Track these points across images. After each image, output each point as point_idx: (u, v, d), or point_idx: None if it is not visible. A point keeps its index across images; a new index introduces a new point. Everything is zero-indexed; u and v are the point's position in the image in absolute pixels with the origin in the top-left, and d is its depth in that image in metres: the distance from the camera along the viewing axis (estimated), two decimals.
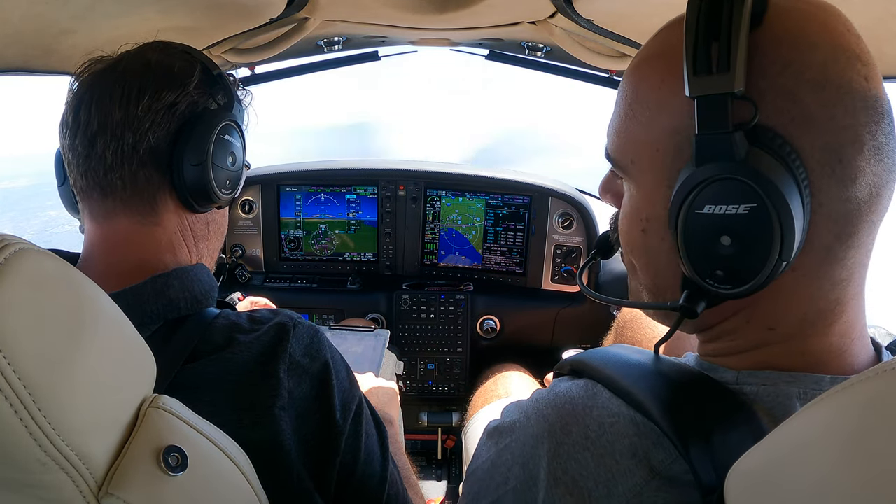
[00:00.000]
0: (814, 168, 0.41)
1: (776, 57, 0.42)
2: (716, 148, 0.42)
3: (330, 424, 0.67)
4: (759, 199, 0.40)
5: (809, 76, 0.41)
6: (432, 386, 1.81)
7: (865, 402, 0.31)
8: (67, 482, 0.40)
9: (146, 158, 0.67)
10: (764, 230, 0.41)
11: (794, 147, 0.41)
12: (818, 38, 0.42)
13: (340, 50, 1.66)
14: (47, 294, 0.39)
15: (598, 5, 1.05)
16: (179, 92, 0.68)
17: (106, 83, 0.67)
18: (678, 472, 0.43)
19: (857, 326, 0.48)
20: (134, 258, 0.67)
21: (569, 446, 0.48)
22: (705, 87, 0.41)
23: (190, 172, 0.68)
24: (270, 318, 0.67)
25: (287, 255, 1.83)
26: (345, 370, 0.73)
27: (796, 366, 0.47)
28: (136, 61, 0.69)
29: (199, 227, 0.75)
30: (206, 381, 0.61)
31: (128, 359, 0.46)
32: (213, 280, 0.72)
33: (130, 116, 0.66)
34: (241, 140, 0.77)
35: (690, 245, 0.45)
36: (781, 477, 0.34)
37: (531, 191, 1.72)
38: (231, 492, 0.51)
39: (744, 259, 0.43)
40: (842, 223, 0.43)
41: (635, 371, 0.50)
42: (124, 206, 0.68)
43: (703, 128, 0.42)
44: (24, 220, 5.76)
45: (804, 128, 0.41)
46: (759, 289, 0.43)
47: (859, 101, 0.41)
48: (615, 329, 1.33)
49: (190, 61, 0.72)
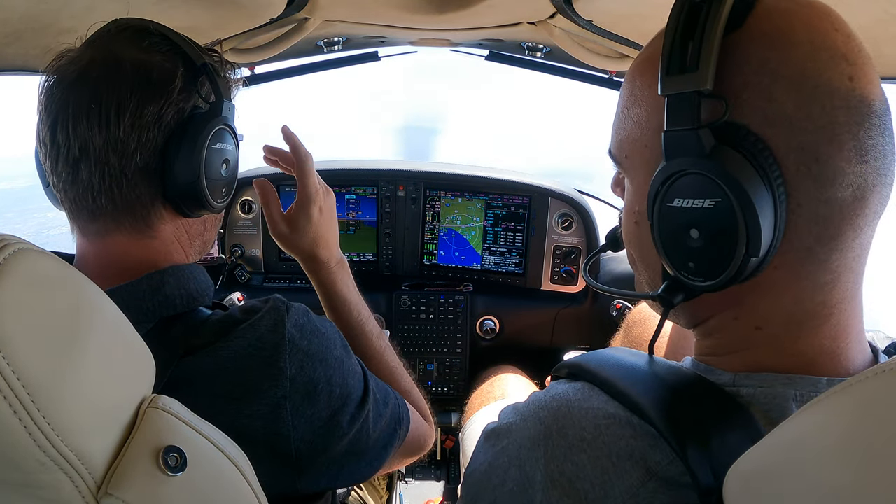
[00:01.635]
0: (789, 167, 0.42)
1: (753, 56, 0.42)
2: (683, 144, 0.43)
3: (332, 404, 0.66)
4: (723, 193, 0.41)
5: (786, 74, 0.41)
6: (432, 386, 1.81)
7: (863, 403, 0.31)
8: (66, 482, 0.40)
9: (135, 179, 0.63)
10: (728, 225, 0.42)
11: (767, 145, 0.41)
12: (799, 37, 0.42)
13: (340, 50, 1.66)
14: (47, 294, 0.39)
15: (597, 6, 1.05)
16: (163, 102, 0.63)
17: (80, 99, 0.61)
18: (675, 473, 0.44)
19: (850, 331, 0.47)
20: (130, 266, 0.66)
21: (565, 448, 0.48)
22: (675, 86, 0.43)
23: (183, 186, 0.65)
24: (262, 306, 0.66)
25: (287, 255, 1.83)
26: (339, 341, 0.72)
27: (791, 367, 0.47)
28: (107, 64, 0.62)
29: (195, 227, 0.73)
30: (203, 373, 0.60)
31: (127, 359, 0.46)
32: (208, 280, 0.71)
33: (113, 139, 0.61)
34: (234, 141, 0.73)
35: (664, 237, 0.47)
36: (780, 478, 0.34)
37: (531, 191, 1.72)
38: (230, 492, 0.51)
39: (712, 253, 0.44)
40: (822, 225, 0.43)
41: (632, 373, 0.50)
42: (117, 225, 0.65)
43: (671, 124, 0.44)
44: (21, 221, 5.75)
45: (779, 126, 0.41)
46: (730, 283, 0.44)
47: (839, 101, 0.41)
48: (624, 329, 1.33)
49: (170, 56, 0.65)
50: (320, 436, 0.65)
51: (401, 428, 0.78)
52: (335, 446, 0.67)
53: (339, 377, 0.68)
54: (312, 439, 0.64)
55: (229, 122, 0.71)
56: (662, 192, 0.46)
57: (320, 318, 0.71)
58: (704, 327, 0.53)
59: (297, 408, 0.63)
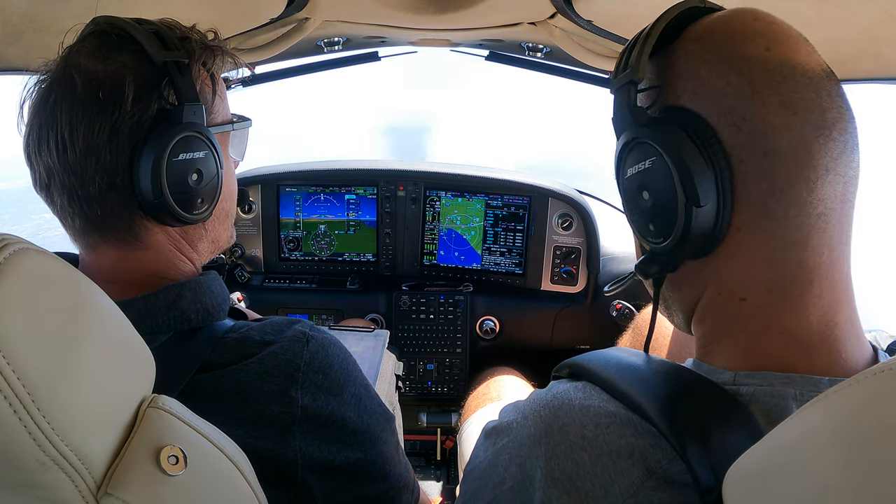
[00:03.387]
0: (722, 129, 0.48)
1: (683, 52, 0.51)
2: (623, 123, 0.53)
3: (344, 437, 0.67)
4: (655, 151, 0.49)
5: (707, 56, 0.50)
6: (431, 386, 1.81)
7: (863, 402, 0.31)
8: (66, 482, 0.40)
9: (104, 197, 0.60)
10: (665, 177, 0.49)
11: (699, 114, 0.49)
12: (718, 28, 0.50)
13: (340, 50, 1.66)
14: (47, 294, 0.39)
15: (597, 6, 1.05)
16: (115, 117, 0.58)
17: (41, 124, 0.59)
18: (675, 472, 0.44)
19: (838, 310, 0.48)
20: (134, 276, 0.65)
21: (566, 446, 0.48)
22: (617, 82, 0.53)
23: (156, 202, 0.61)
24: (283, 332, 0.66)
25: (286, 255, 1.83)
26: (360, 379, 0.72)
27: (788, 357, 0.47)
28: (62, 84, 0.59)
29: (193, 232, 0.70)
30: (218, 393, 0.61)
31: (127, 359, 0.46)
32: (225, 292, 0.70)
33: (71, 163, 0.59)
34: (207, 146, 0.65)
35: (627, 206, 0.56)
36: (780, 477, 0.34)
37: (531, 191, 1.72)
38: (230, 492, 0.51)
39: (661, 209, 0.50)
40: (770, 178, 0.47)
41: (633, 373, 0.51)
42: (103, 239, 0.63)
43: (615, 111, 0.54)
44: (18, 222, 5.76)
45: (704, 96, 0.49)
46: (686, 239, 0.48)
47: (755, 65, 0.47)
48: (632, 330, 1.33)
49: (126, 62, 0.60)
50: (327, 464, 0.66)
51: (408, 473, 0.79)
52: (341, 476, 0.68)
53: (353, 413, 0.68)
54: (318, 467, 0.65)
55: (197, 129, 0.63)
56: (621, 165, 0.54)
57: (342, 352, 0.70)
58: (697, 316, 0.54)
59: (307, 435, 0.63)
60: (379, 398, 0.75)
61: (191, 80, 0.63)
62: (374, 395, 0.74)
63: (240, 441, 0.55)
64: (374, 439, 0.71)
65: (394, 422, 0.77)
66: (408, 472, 0.80)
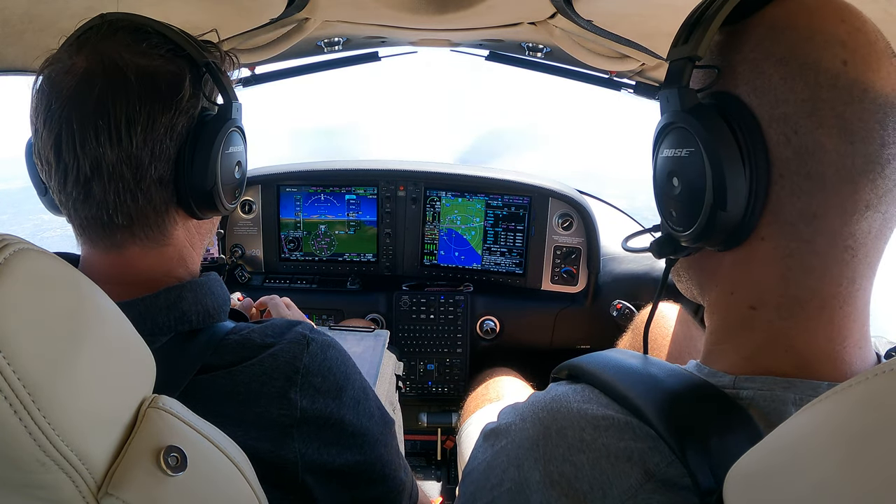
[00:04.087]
0: (771, 136, 0.45)
1: (754, 37, 0.47)
2: (670, 101, 0.49)
3: (343, 439, 0.67)
4: (695, 143, 0.46)
5: (777, 52, 0.45)
6: (432, 386, 1.81)
7: (863, 402, 0.31)
8: (67, 482, 0.40)
9: (150, 190, 0.62)
10: (698, 173, 0.46)
11: (752, 112, 0.45)
12: (798, 22, 0.45)
13: (340, 50, 1.66)
14: (47, 294, 0.39)
15: (597, 6, 1.05)
16: (174, 111, 0.61)
17: (84, 115, 0.58)
18: (674, 475, 0.44)
19: (848, 335, 0.46)
20: (145, 276, 0.65)
21: (564, 449, 0.48)
22: (674, 54, 0.49)
23: (198, 192, 0.64)
24: (283, 334, 0.66)
25: (287, 255, 1.83)
26: (360, 382, 0.72)
27: (789, 368, 0.46)
28: (109, 75, 0.58)
29: (204, 227, 0.73)
30: (217, 393, 0.61)
31: (127, 359, 0.46)
32: (226, 293, 0.71)
33: (125, 154, 0.59)
34: (243, 142, 0.72)
35: (656, 185, 0.53)
36: (780, 479, 0.34)
37: (531, 191, 1.72)
38: (231, 492, 0.51)
39: (687, 201, 0.48)
40: (804, 200, 0.44)
41: (632, 376, 0.51)
42: (132, 236, 0.64)
43: (665, 84, 0.50)
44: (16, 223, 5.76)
45: (764, 96, 0.45)
46: (705, 237, 0.47)
47: (825, 79, 0.43)
48: (632, 330, 1.33)
49: (172, 59, 0.63)
50: (326, 466, 0.66)
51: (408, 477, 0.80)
52: (341, 479, 0.68)
53: (352, 415, 0.68)
54: (318, 469, 0.65)
55: (239, 124, 0.69)
56: (657, 144, 0.51)
57: (342, 354, 0.71)
58: (708, 308, 0.54)
59: (306, 437, 0.64)
60: (378, 401, 0.76)
61: (229, 79, 0.70)
62: (373, 398, 0.74)
63: (240, 442, 0.55)
64: (373, 442, 0.71)
65: (393, 425, 0.78)
66: (407, 475, 0.80)
